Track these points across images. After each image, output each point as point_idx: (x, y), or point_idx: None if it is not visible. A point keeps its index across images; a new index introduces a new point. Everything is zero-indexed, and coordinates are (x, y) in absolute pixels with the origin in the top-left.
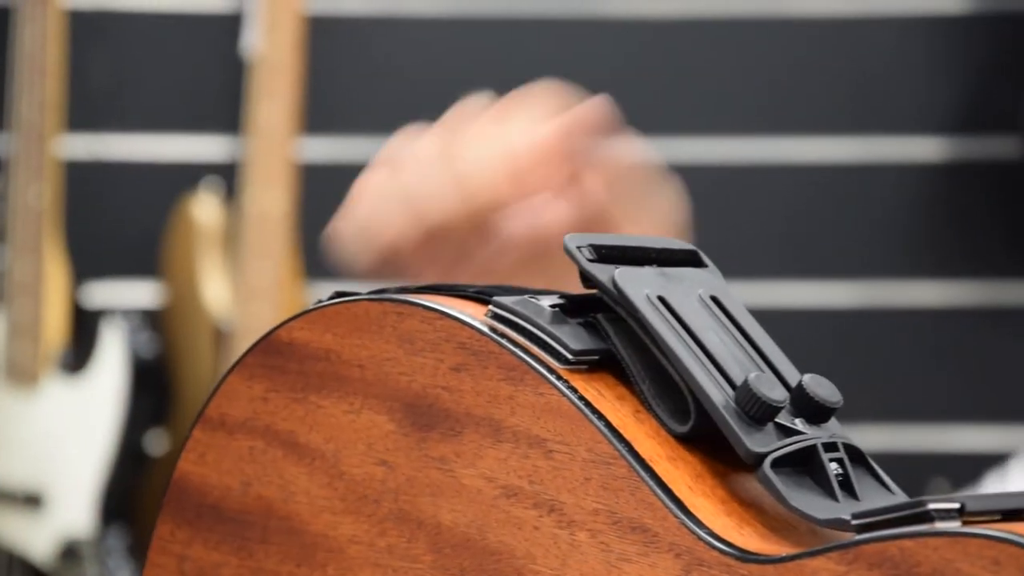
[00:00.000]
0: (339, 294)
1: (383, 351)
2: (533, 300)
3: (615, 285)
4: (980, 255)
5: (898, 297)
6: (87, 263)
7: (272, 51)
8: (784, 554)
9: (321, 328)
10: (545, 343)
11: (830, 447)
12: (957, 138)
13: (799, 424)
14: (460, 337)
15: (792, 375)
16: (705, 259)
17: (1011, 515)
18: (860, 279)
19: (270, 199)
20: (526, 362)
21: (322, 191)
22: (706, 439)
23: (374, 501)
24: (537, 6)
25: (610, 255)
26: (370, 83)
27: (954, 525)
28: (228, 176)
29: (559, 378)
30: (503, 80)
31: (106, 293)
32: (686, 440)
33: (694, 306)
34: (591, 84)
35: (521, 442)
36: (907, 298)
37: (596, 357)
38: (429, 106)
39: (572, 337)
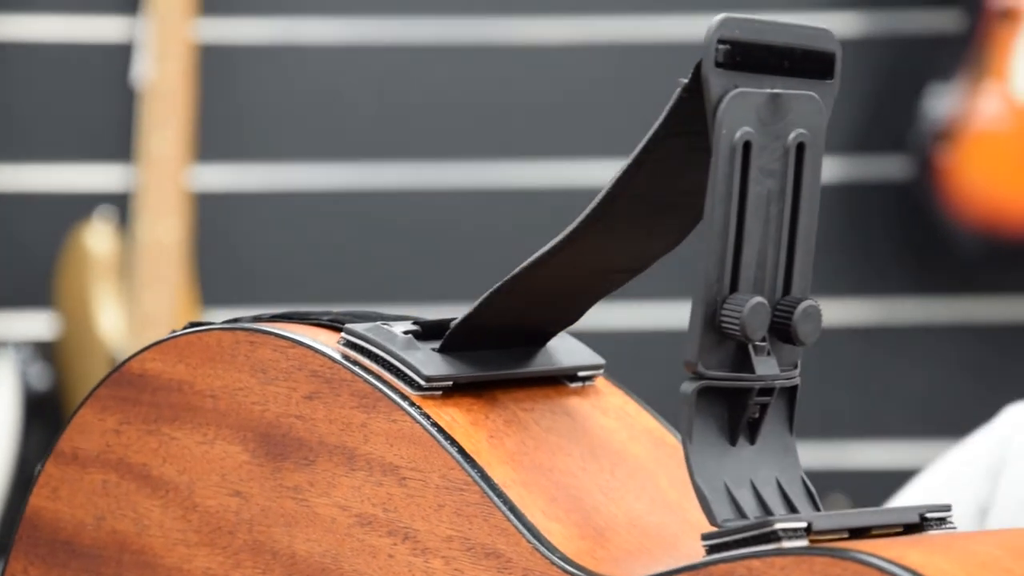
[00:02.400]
0: (193, 324)
1: (236, 381)
2: (386, 327)
3: (715, 114)
4: (874, 274)
5: None
6: None
7: (163, 80)
8: None
9: (174, 359)
10: (398, 370)
11: (765, 391)
12: (850, 158)
13: (760, 354)
14: (313, 365)
15: (802, 289)
16: (837, 67)
17: (858, 533)
18: None
19: (164, 228)
20: (379, 389)
21: (216, 219)
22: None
23: (229, 532)
24: (430, 33)
25: (744, 58)
26: (263, 111)
27: (801, 544)
28: (122, 205)
29: (412, 405)
30: (394, 108)
31: None
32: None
33: (771, 165)
34: (486, 110)
35: (375, 470)
36: None
37: (450, 383)
38: (322, 134)
39: (425, 363)
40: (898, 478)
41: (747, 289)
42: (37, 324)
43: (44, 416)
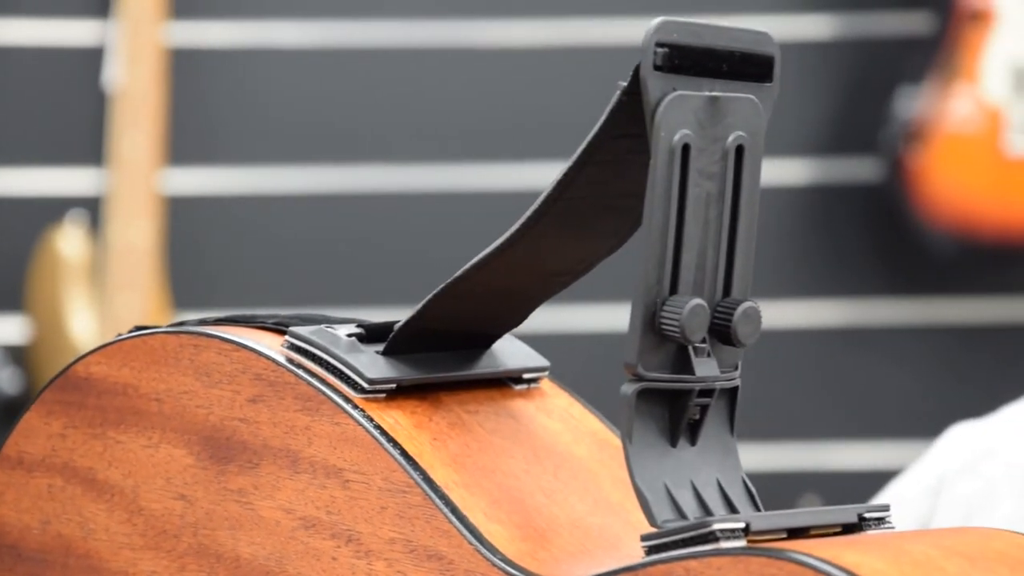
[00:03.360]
0: (138, 328)
1: (180, 384)
2: (329, 329)
3: (654, 117)
4: (847, 275)
5: (767, 318)
6: None
7: (134, 84)
8: None
9: (119, 362)
10: (341, 372)
11: (705, 393)
12: (822, 161)
13: (701, 356)
14: (256, 368)
15: (742, 291)
16: (776, 70)
17: (796, 533)
18: None
19: (135, 231)
20: (322, 392)
21: (188, 222)
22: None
23: (173, 536)
24: (399, 37)
25: (683, 61)
26: (234, 114)
27: (739, 544)
28: (93, 209)
29: (355, 407)
30: (365, 111)
31: None
32: None
33: (710, 167)
34: (459, 113)
35: (318, 472)
36: (775, 319)
37: (393, 386)
38: (293, 137)
39: (369, 366)
40: (873, 479)
41: (687, 291)
42: (9, 328)
43: (15, 420)
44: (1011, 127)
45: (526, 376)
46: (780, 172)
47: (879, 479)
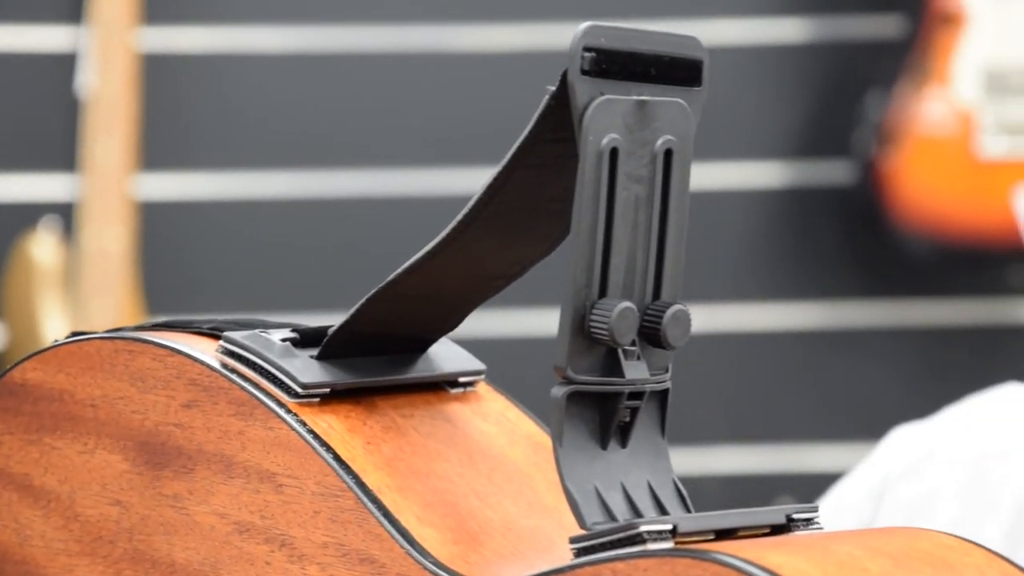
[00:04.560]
0: (75, 334)
1: (116, 390)
2: (264, 334)
3: (582, 121)
4: (821, 278)
5: (743, 321)
6: None
7: (107, 89)
8: None
9: (54, 368)
10: (275, 377)
11: (635, 396)
12: (795, 163)
13: (630, 359)
14: (191, 373)
15: (671, 294)
16: (705, 74)
17: (723, 534)
18: (704, 303)
19: (109, 237)
20: (255, 397)
21: (161, 228)
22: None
23: (109, 542)
24: (377, 42)
25: (610, 66)
26: (207, 119)
27: (666, 546)
28: (66, 215)
29: (288, 412)
30: (339, 115)
31: None
32: None
33: (639, 171)
34: (434, 117)
35: (252, 477)
36: (751, 321)
37: (327, 390)
38: (266, 142)
39: (302, 370)
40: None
41: (616, 294)
42: None
43: None
44: (983, 129)
45: (462, 380)
46: (754, 175)
47: None
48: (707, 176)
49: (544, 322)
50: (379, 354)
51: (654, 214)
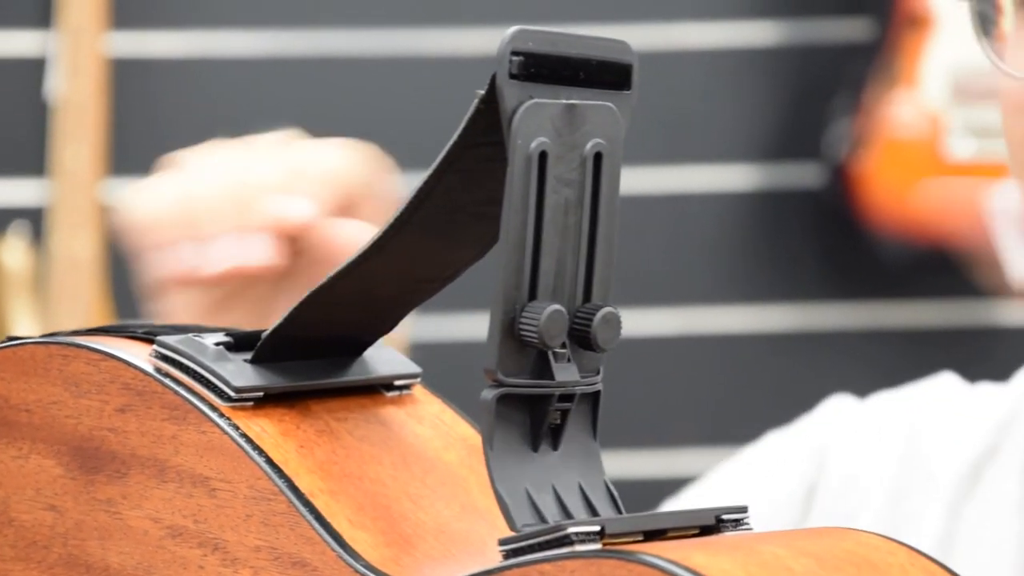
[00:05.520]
0: (10, 339)
1: (50, 395)
2: (197, 338)
3: (511, 125)
4: (793, 280)
5: (713, 323)
6: None
7: (76, 94)
8: None
9: None
10: (208, 381)
11: (566, 398)
12: (766, 166)
13: (561, 361)
14: (125, 378)
15: (602, 296)
16: (634, 78)
17: (652, 535)
18: (674, 306)
19: (78, 242)
20: (188, 401)
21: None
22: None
23: (44, 547)
24: (349, 46)
25: (539, 69)
26: (177, 124)
27: (594, 547)
28: (36, 220)
29: (221, 416)
30: (311, 120)
31: None
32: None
33: (568, 174)
34: (406, 121)
35: (185, 481)
36: (723, 324)
37: (260, 394)
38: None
39: (235, 374)
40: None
41: (546, 297)
42: None
43: None
44: (951, 132)
45: (397, 383)
46: (724, 178)
47: None
48: (678, 179)
49: (480, 325)
50: (314, 357)
51: (584, 217)
